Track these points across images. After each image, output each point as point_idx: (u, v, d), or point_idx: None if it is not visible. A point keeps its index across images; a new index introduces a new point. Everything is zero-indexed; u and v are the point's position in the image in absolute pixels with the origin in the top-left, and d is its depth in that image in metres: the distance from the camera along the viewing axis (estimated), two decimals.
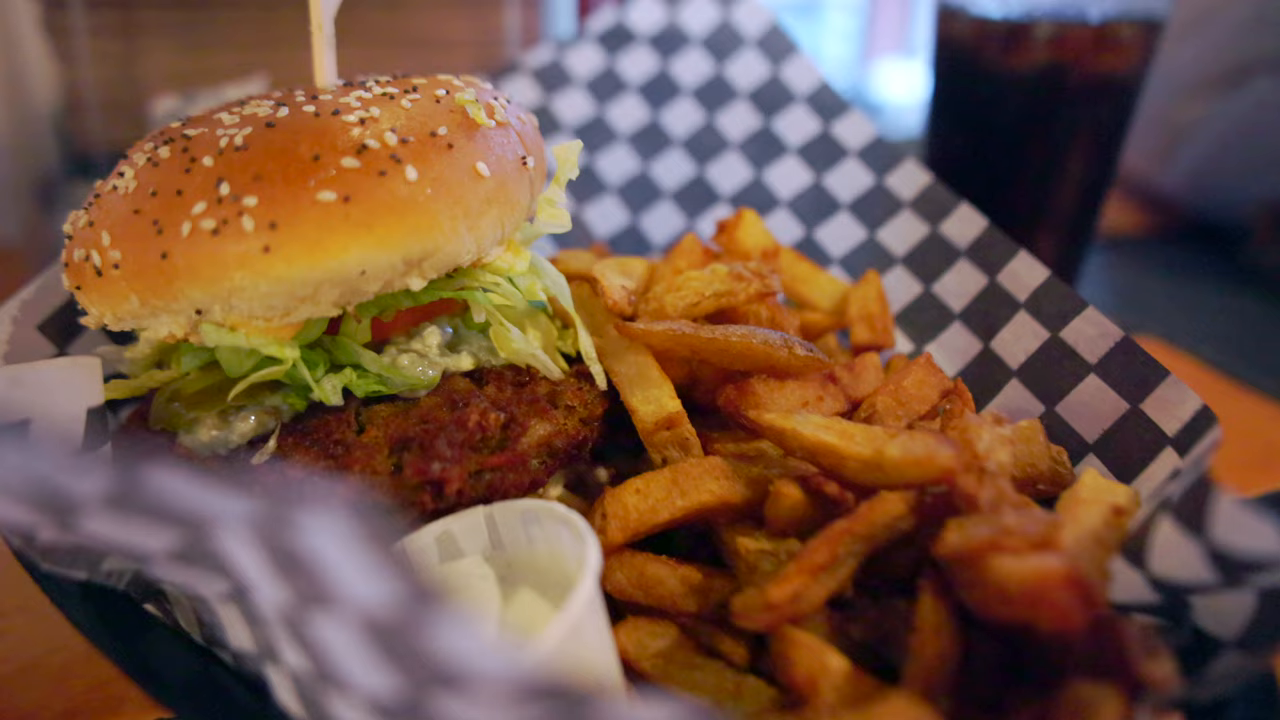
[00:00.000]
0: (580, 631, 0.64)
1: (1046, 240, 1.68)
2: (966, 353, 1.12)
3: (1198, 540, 0.67)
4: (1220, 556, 0.66)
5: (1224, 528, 0.65)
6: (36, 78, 1.31)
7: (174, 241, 0.72)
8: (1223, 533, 0.65)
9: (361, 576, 0.46)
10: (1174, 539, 0.69)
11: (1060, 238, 1.68)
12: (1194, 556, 0.67)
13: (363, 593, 0.46)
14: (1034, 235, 1.67)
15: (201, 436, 0.82)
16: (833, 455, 0.82)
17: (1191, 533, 0.67)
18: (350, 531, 0.45)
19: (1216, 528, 0.65)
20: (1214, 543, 0.66)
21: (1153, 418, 0.92)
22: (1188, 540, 0.68)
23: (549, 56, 1.43)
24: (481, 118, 0.82)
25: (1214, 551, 0.66)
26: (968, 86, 1.61)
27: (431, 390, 0.85)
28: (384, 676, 0.50)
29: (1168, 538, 0.70)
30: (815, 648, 0.75)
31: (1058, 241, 1.68)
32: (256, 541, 0.50)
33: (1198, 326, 1.78)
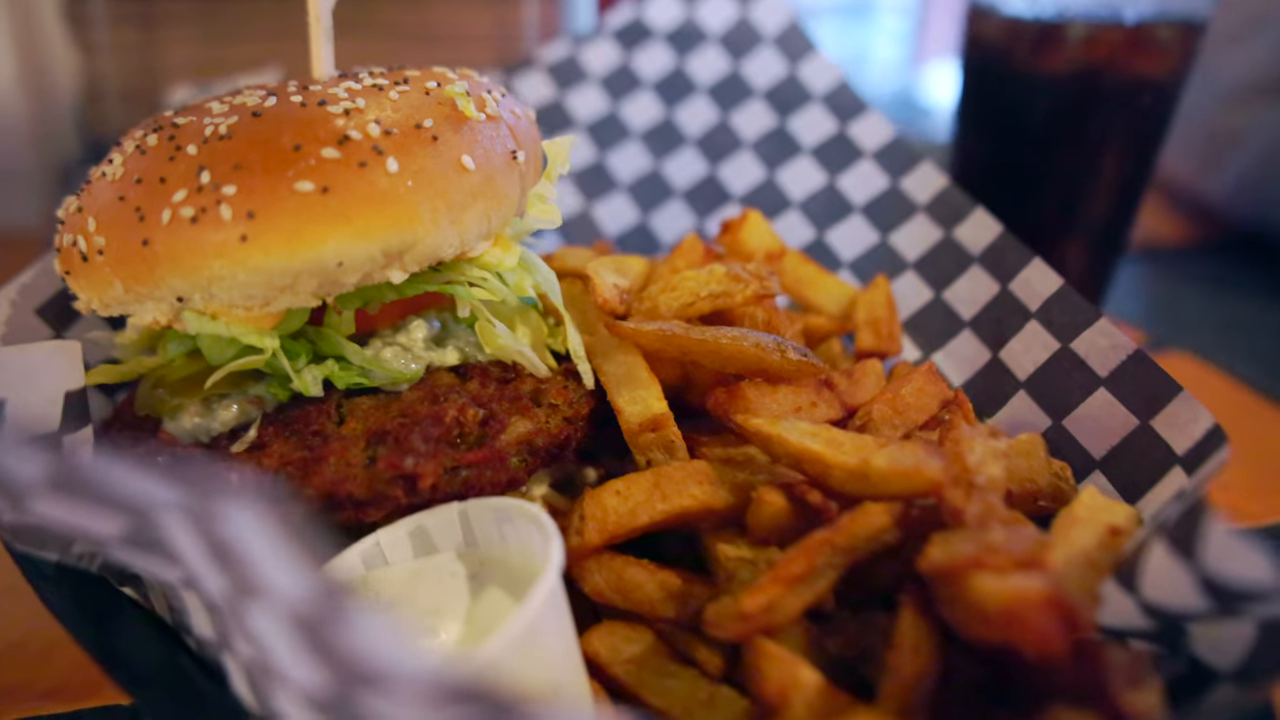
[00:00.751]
0: (537, 631, 0.63)
1: (1076, 248, 1.63)
2: (975, 362, 1.09)
3: (1189, 566, 0.64)
4: (1212, 584, 0.63)
5: (1216, 555, 0.61)
6: (57, 67, 1.34)
7: (155, 229, 0.73)
8: (1214, 560, 0.62)
9: (282, 568, 0.45)
10: (1166, 564, 0.66)
11: (1091, 246, 1.63)
12: (1185, 583, 0.64)
13: (284, 585, 0.46)
14: (1063, 243, 1.62)
15: (184, 423, 0.82)
16: (818, 463, 0.80)
17: (1183, 558, 0.64)
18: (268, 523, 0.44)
19: (1208, 554, 0.62)
20: (1205, 570, 0.62)
21: (1162, 435, 0.88)
22: (1179, 566, 0.64)
23: (565, 52, 1.42)
24: (471, 110, 0.82)
25: (1206, 579, 0.63)
26: (997, 89, 1.57)
27: (415, 384, 0.84)
28: (311, 671, 0.49)
29: (1160, 562, 0.67)
30: (787, 660, 0.72)
31: (1088, 250, 1.63)
32: (192, 529, 0.49)
33: (1235, 342, 1.72)
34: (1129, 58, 1.46)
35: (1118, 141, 1.52)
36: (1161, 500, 0.85)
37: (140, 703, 0.69)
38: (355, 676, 0.46)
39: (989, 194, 1.64)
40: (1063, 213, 1.59)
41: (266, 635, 0.51)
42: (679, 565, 0.86)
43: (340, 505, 0.79)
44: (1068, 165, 1.54)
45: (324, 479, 0.77)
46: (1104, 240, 1.63)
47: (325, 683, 0.49)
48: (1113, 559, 0.75)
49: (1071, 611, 0.66)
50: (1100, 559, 0.74)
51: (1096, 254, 1.64)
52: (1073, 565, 0.72)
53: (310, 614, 0.45)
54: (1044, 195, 1.58)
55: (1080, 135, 1.51)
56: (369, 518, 0.79)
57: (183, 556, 0.54)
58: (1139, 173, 1.57)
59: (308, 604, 0.45)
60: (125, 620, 0.73)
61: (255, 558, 0.46)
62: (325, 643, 0.46)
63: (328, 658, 0.47)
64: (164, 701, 0.67)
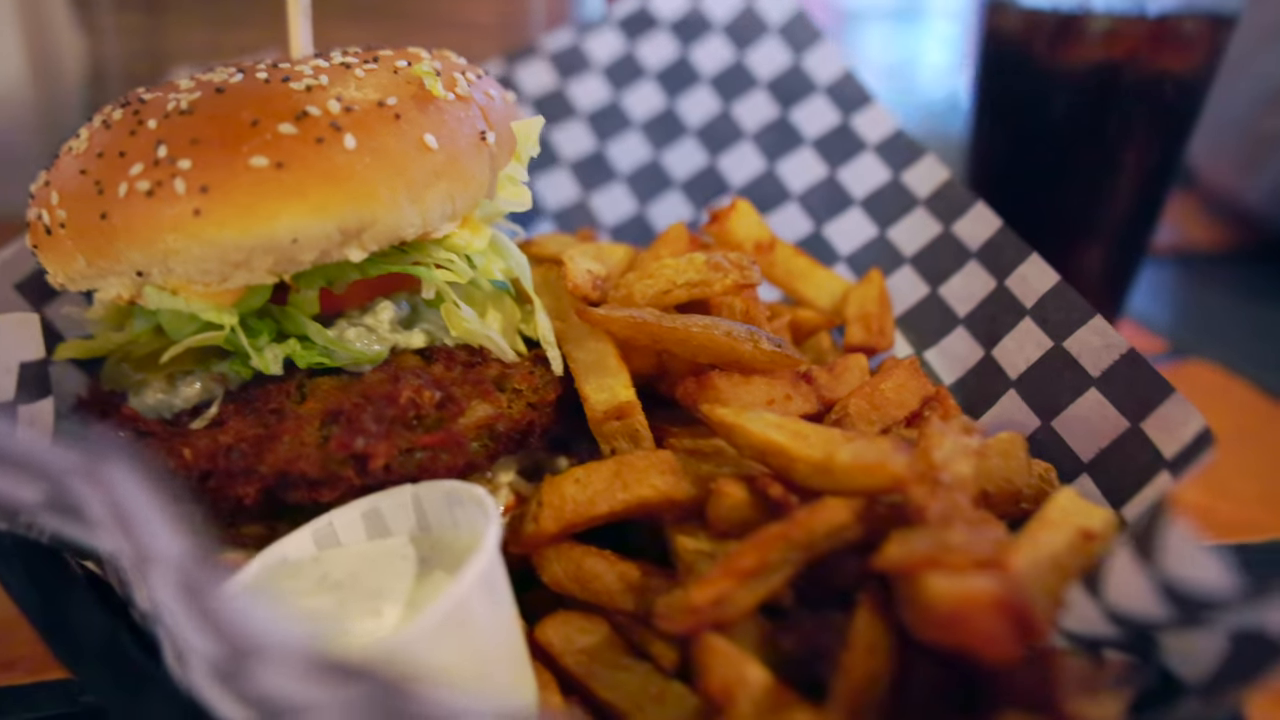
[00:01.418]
0: (466, 615, 0.62)
1: (1095, 249, 1.58)
2: (967, 360, 1.05)
3: (1149, 571, 0.60)
4: (1171, 590, 0.59)
5: (1175, 560, 0.58)
6: (63, 50, 1.36)
7: (113, 202, 0.73)
8: (1173, 565, 0.58)
9: (163, 533, 0.44)
10: (1128, 568, 0.63)
11: (1111, 246, 1.58)
12: (1145, 589, 0.61)
13: (167, 550, 0.45)
14: (1083, 242, 1.57)
15: (148, 399, 0.82)
16: (781, 456, 0.78)
17: (1144, 562, 0.61)
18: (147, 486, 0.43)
19: (1168, 559, 0.59)
20: (1164, 575, 0.59)
21: (1152, 438, 0.85)
22: (1139, 570, 0.61)
23: (569, 41, 1.41)
24: (438, 90, 0.81)
25: (1165, 585, 0.60)
26: (1015, 83, 1.53)
27: (378, 366, 0.84)
28: (204, 639, 0.48)
29: (1123, 567, 0.64)
30: (733, 657, 0.70)
31: (1107, 251, 1.58)
32: (96, 493, 0.49)
33: (1265, 351, 1.65)
34: (1152, 52, 1.41)
35: (1140, 139, 1.47)
36: (1145, 506, 0.82)
37: (80, 678, 0.68)
38: (238, 646, 0.45)
39: (1006, 191, 1.60)
40: (1082, 212, 1.54)
41: (165, 603, 0.51)
42: (644, 558, 0.85)
43: (294, 484, 0.78)
44: (1087, 163, 1.49)
45: (278, 457, 0.77)
46: (1125, 241, 1.57)
47: (218, 652, 0.48)
48: (1083, 564, 0.72)
49: (1025, 616, 0.63)
50: (1068, 563, 0.71)
51: (1117, 254, 1.59)
52: (1037, 569, 0.69)
53: (191, 580, 0.44)
54: (1062, 193, 1.53)
55: (1100, 132, 1.46)
56: (322, 498, 0.78)
57: (96, 522, 0.54)
58: (1162, 172, 1.52)
59: (187, 570, 0.44)
60: (73, 595, 0.73)
61: (142, 521, 0.45)
62: (208, 610, 0.45)
63: (212, 626, 0.46)
64: (103, 677, 0.67)
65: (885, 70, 5.87)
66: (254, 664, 0.46)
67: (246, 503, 0.78)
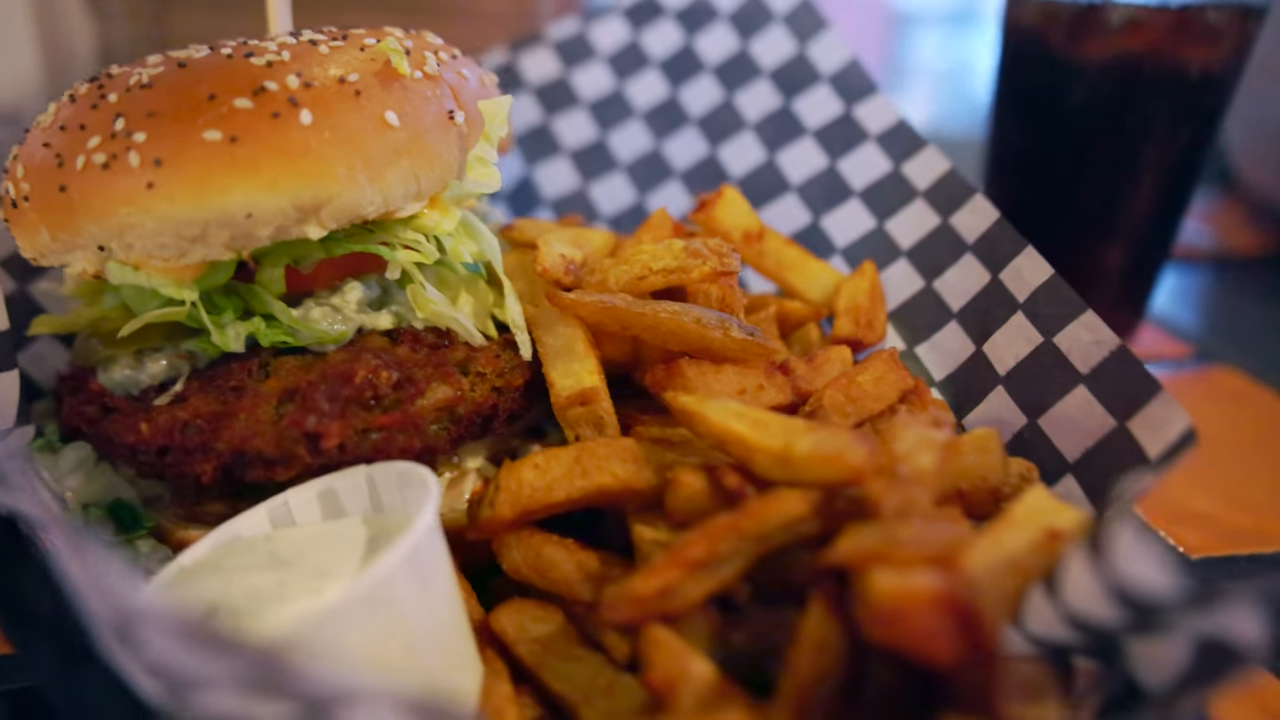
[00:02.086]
0: (389, 594, 0.61)
1: (1115, 249, 1.53)
2: (958, 356, 1.02)
3: (1098, 571, 0.57)
4: (1121, 593, 0.56)
5: (1124, 560, 0.55)
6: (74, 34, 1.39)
7: (71, 175, 0.73)
8: (1123, 566, 0.55)
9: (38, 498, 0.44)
10: (1082, 569, 0.60)
11: (1132, 245, 1.52)
12: (1095, 589, 0.58)
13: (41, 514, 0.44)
14: (1103, 241, 1.52)
15: (115, 374, 0.82)
16: (741, 445, 0.76)
17: (1095, 562, 0.58)
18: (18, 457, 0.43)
19: (1117, 560, 0.56)
20: (1113, 576, 0.56)
21: (1138, 438, 0.81)
22: (1090, 571, 0.58)
23: (574, 29, 1.40)
24: (403, 67, 0.80)
25: (1114, 586, 0.56)
26: (1032, 77, 1.48)
27: (343, 346, 0.83)
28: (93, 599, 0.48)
29: (1079, 568, 0.61)
30: (677, 650, 0.68)
31: (1127, 250, 1.53)
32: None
33: None
34: (1175, 44, 1.36)
35: (1161, 136, 1.42)
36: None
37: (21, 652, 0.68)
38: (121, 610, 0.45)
39: (1025, 187, 1.56)
40: (1102, 209, 1.49)
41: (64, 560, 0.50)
42: (610, 548, 0.83)
43: (251, 462, 0.78)
44: (1106, 159, 1.44)
45: (234, 434, 0.77)
46: (1146, 240, 1.52)
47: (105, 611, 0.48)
48: (1047, 566, 0.69)
49: (971, 617, 0.60)
50: (1029, 564, 0.68)
51: (1138, 254, 1.53)
52: (993, 569, 0.66)
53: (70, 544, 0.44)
54: (1082, 190, 1.48)
55: (1120, 128, 1.41)
56: (278, 476, 0.78)
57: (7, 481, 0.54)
58: (1186, 170, 1.46)
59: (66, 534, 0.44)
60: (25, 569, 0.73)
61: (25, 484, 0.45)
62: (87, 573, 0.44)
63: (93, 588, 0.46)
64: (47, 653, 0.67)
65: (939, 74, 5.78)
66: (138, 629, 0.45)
67: (204, 480, 0.78)
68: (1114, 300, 1.58)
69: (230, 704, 0.51)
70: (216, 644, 0.43)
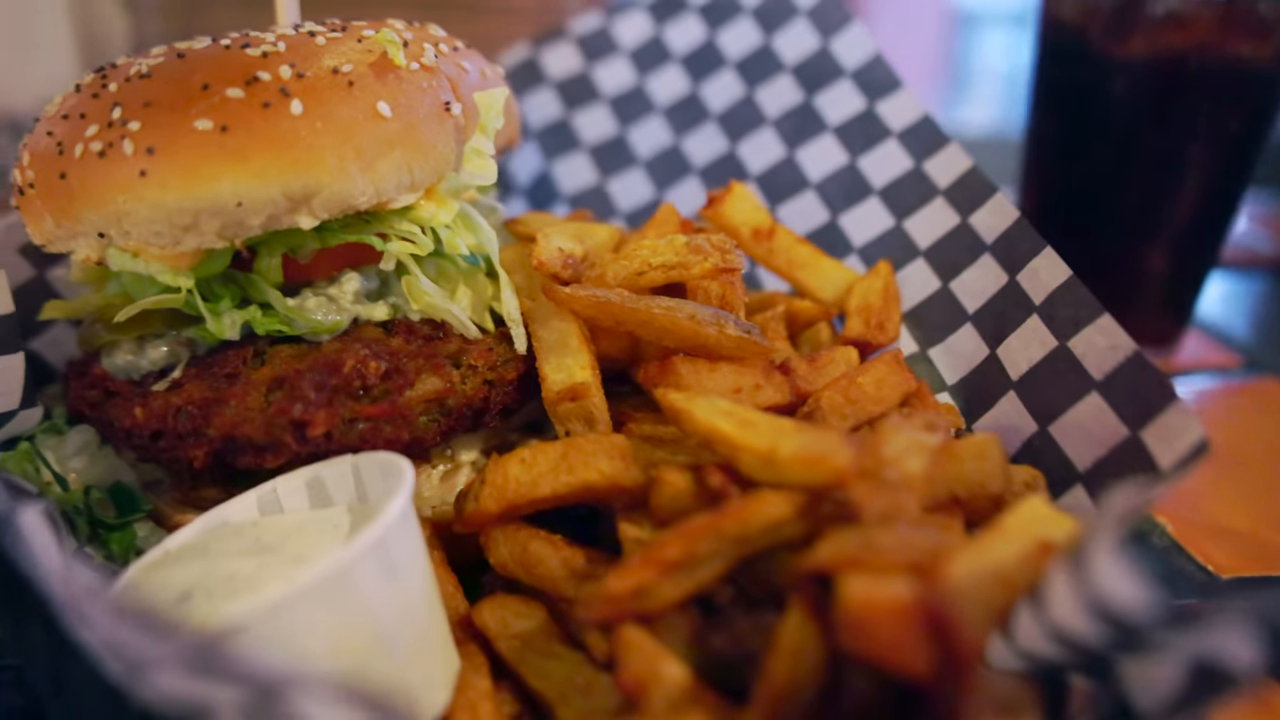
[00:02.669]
0: (350, 583, 0.60)
1: (1157, 255, 1.47)
2: (972, 359, 0.99)
3: (1078, 586, 0.55)
4: (1097, 607, 0.53)
5: (1103, 575, 0.52)
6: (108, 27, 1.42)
7: (70, 162, 0.75)
8: (1101, 579, 0.53)
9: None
10: (1062, 581, 0.57)
11: (1175, 251, 1.47)
12: (1073, 603, 0.55)
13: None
14: (1145, 245, 1.46)
15: (117, 360, 0.84)
16: (726, 445, 0.74)
17: (1074, 574, 0.55)
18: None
19: (1096, 574, 0.53)
20: (1091, 589, 0.53)
21: (1150, 448, 0.77)
22: (1069, 583, 0.55)
23: (597, 24, 1.39)
24: (399, 58, 0.80)
25: (1091, 600, 0.54)
26: (1070, 74, 1.43)
27: (337, 336, 0.83)
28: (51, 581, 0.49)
29: (1062, 581, 0.58)
30: (650, 651, 0.67)
31: (1171, 254, 1.47)
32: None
33: None
34: (1222, 40, 1.30)
35: (1208, 134, 1.36)
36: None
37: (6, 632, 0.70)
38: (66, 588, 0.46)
39: (1062, 187, 1.51)
40: (1144, 212, 1.43)
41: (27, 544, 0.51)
42: (606, 546, 0.82)
43: (241, 449, 0.79)
44: (1149, 159, 1.39)
45: (224, 420, 0.77)
46: (1192, 243, 1.46)
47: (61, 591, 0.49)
48: (1038, 578, 0.66)
49: (945, 628, 0.58)
50: (1018, 576, 0.65)
51: (1182, 258, 1.47)
52: (977, 579, 0.63)
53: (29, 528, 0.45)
54: (1123, 192, 1.43)
55: (1163, 126, 1.36)
56: (267, 463, 0.79)
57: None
58: (1234, 172, 1.40)
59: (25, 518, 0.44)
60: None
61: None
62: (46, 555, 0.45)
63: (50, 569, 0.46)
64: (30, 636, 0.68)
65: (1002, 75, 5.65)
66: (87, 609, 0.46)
67: (196, 465, 0.79)
68: (1156, 306, 1.52)
69: (181, 685, 0.51)
70: (155, 627, 0.43)
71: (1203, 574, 0.97)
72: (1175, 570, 0.98)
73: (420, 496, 0.87)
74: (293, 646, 0.58)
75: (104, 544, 0.82)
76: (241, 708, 0.52)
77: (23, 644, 0.67)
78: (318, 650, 0.60)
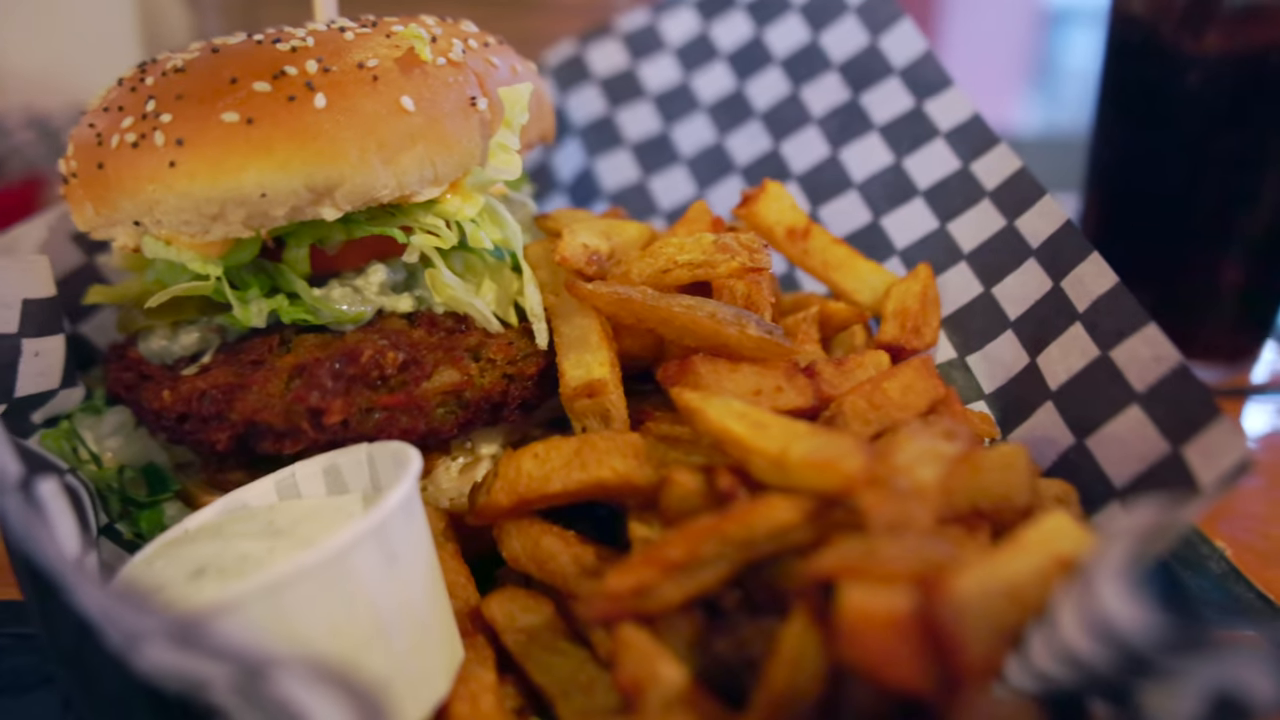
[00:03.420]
0: (346, 568, 0.61)
1: (1233, 264, 1.39)
2: (1011, 368, 0.95)
3: (1081, 603, 0.52)
4: (1101, 629, 0.51)
5: (1106, 593, 0.50)
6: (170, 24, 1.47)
7: (107, 153, 0.77)
8: (1104, 599, 0.50)
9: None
10: (1070, 600, 0.54)
11: (1252, 262, 1.39)
12: (1077, 623, 0.52)
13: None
14: (1218, 255, 1.39)
15: (152, 344, 0.86)
16: (738, 447, 0.73)
17: (1079, 593, 0.52)
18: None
19: (1099, 591, 0.50)
20: (1094, 610, 0.51)
21: (1192, 466, 0.73)
22: (1074, 602, 0.53)
23: (644, 21, 1.39)
24: (425, 54, 0.80)
25: (1094, 621, 0.51)
26: (1139, 71, 1.37)
27: (361, 326, 0.85)
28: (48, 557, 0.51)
29: (1069, 599, 0.55)
30: (648, 652, 0.66)
31: (1248, 266, 1.39)
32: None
33: None
34: None
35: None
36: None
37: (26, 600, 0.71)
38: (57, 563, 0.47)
39: (1130, 192, 1.44)
40: (1218, 220, 1.36)
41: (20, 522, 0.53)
42: (621, 546, 0.81)
43: (262, 434, 0.80)
44: (1224, 162, 1.32)
45: (246, 406, 0.79)
46: (1270, 254, 1.38)
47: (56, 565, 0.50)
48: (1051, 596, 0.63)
49: (945, 642, 0.55)
50: (1033, 594, 0.62)
51: (1259, 269, 1.39)
52: (987, 594, 0.61)
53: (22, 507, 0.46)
54: (1196, 198, 1.36)
55: (1240, 128, 1.29)
56: (286, 449, 0.80)
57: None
58: None
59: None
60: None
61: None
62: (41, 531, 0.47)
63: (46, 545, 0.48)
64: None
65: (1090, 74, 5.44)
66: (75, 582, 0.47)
67: (219, 448, 0.81)
68: (1232, 319, 1.44)
69: (171, 658, 0.52)
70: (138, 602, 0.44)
71: (1261, 603, 0.92)
72: (1232, 598, 0.93)
73: (439, 488, 0.87)
74: (288, 627, 0.59)
75: (134, 521, 0.85)
76: (232, 684, 0.53)
77: (39, 613, 0.69)
78: (314, 632, 0.60)
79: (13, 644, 0.79)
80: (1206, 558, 0.98)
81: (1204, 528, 1.00)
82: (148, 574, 0.67)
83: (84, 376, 0.94)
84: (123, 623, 0.51)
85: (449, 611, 0.73)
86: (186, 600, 0.63)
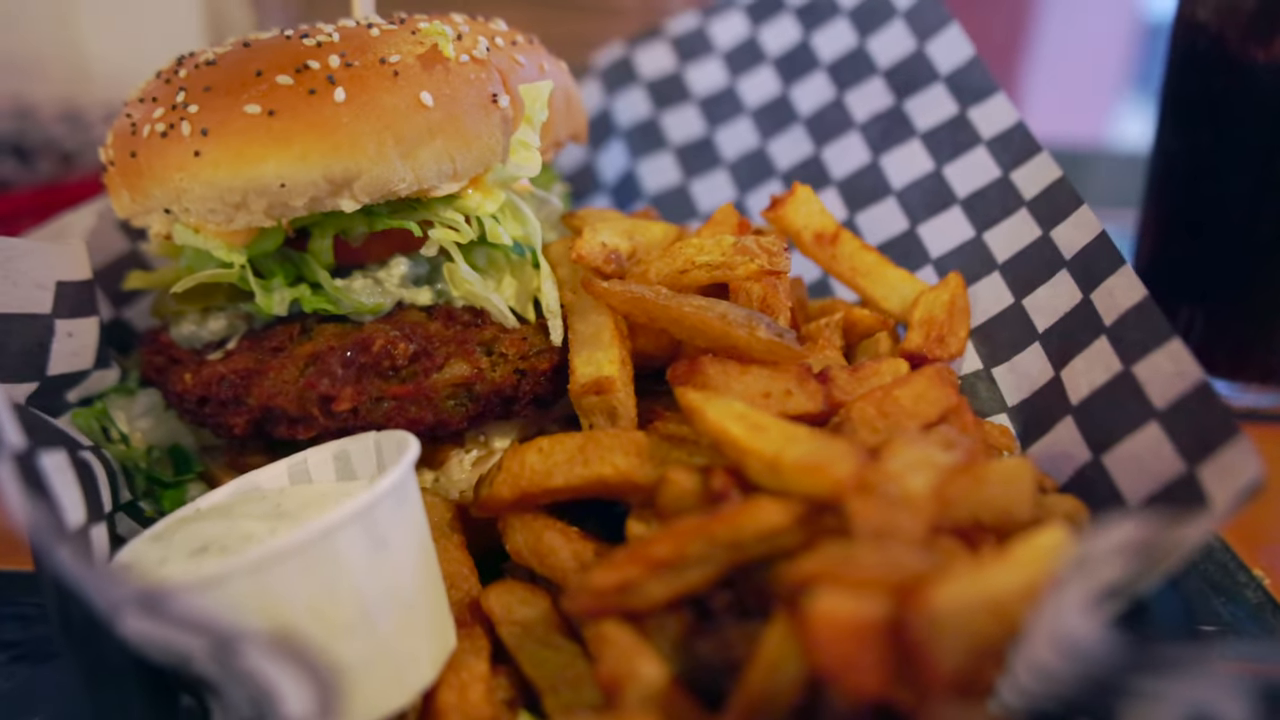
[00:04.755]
0: (331, 552, 0.62)
1: None
2: (1036, 381, 0.92)
3: (1049, 618, 0.50)
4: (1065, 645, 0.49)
5: (1066, 608, 0.48)
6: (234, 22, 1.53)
7: (140, 141, 0.81)
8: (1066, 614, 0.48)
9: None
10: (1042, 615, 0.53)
11: None
12: (1045, 637, 0.51)
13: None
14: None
15: (183, 329, 0.90)
16: (734, 448, 0.72)
17: (1050, 608, 0.51)
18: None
19: (1065, 607, 0.49)
20: (1058, 625, 0.49)
21: (1207, 487, 0.70)
22: (1045, 616, 0.51)
23: (694, 24, 1.39)
24: (448, 50, 0.82)
25: (1057, 636, 0.49)
26: (1204, 82, 1.32)
27: (380, 317, 0.87)
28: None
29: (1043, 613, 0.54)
30: (628, 649, 0.66)
31: None
32: None
33: None
34: None
35: None
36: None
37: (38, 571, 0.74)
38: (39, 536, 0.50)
39: (1192, 208, 1.39)
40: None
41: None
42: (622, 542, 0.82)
43: (277, 419, 0.83)
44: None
45: (263, 392, 0.82)
46: None
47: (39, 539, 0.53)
48: None
49: (915, 653, 0.54)
50: (1016, 608, 0.60)
51: None
52: (965, 608, 0.59)
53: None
54: (1261, 214, 1.30)
55: None
56: (299, 435, 0.82)
57: None
58: None
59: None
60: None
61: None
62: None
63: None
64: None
65: None
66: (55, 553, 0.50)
67: (237, 432, 0.84)
68: None
69: (147, 628, 0.54)
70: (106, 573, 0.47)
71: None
72: (1265, 628, 0.88)
73: (451, 479, 0.89)
74: (271, 605, 0.61)
75: (157, 499, 0.89)
76: (209, 655, 0.55)
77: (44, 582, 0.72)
78: (295, 611, 0.62)
79: (37, 613, 0.82)
80: (1244, 585, 0.93)
81: (1243, 555, 0.95)
82: (153, 549, 0.70)
83: (124, 359, 0.98)
84: (98, 592, 0.53)
85: (443, 600, 0.74)
86: (184, 575, 0.65)
